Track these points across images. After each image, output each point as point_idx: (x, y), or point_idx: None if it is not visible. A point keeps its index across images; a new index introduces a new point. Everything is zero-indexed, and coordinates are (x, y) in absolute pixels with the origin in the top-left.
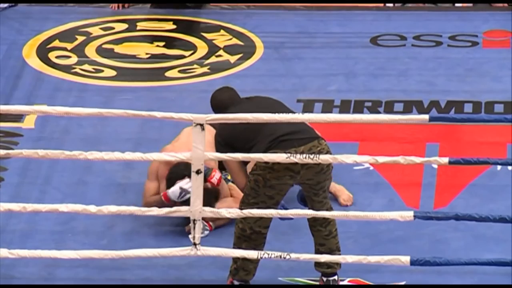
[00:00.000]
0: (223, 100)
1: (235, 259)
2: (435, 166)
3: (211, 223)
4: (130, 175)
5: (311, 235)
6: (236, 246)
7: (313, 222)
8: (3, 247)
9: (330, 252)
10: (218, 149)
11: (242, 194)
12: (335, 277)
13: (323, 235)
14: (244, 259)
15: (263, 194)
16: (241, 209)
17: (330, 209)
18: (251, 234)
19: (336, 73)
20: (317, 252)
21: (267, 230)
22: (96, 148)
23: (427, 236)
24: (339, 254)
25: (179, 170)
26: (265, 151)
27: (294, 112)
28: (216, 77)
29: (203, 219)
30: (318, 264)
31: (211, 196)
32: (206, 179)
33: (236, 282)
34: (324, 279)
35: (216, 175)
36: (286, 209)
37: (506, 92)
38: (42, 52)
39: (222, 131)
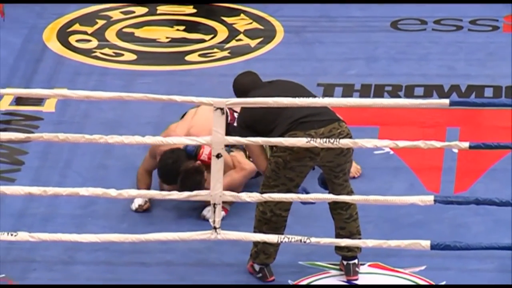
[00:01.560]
0: (245, 83)
1: (256, 243)
2: (456, 150)
3: (227, 207)
4: None
5: (332, 218)
6: (257, 229)
7: (334, 205)
8: (24, 231)
9: (351, 235)
10: (240, 132)
11: (248, 165)
12: (355, 261)
13: (344, 218)
14: (265, 243)
15: (283, 176)
16: (262, 192)
17: (351, 192)
18: (271, 216)
19: (357, 57)
20: (338, 235)
21: (288, 213)
22: (116, 132)
23: (447, 221)
24: (360, 238)
25: (166, 158)
26: (284, 132)
27: (315, 96)
28: (236, 61)
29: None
30: (338, 248)
31: (197, 175)
32: (197, 157)
33: (256, 266)
34: (345, 262)
35: (205, 151)
36: (308, 193)
37: None
38: (63, 36)
39: (244, 114)
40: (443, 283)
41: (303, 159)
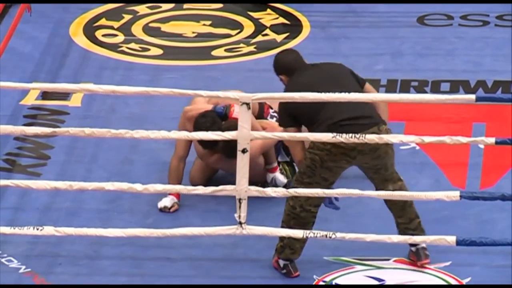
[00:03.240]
0: (287, 62)
1: (282, 237)
2: (482, 146)
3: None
4: None
5: (389, 210)
6: (285, 224)
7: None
8: (50, 225)
9: (410, 221)
10: (282, 118)
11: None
12: (424, 244)
13: (400, 206)
14: (291, 238)
15: (318, 175)
16: (295, 187)
17: (398, 180)
18: (300, 212)
19: (383, 53)
20: (398, 224)
21: (318, 209)
22: (142, 127)
23: (473, 216)
24: (419, 221)
25: (202, 123)
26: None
27: (360, 83)
28: (263, 56)
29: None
30: (403, 234)
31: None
32: (227, 117)
33: (281, 262)
34: (413, 248)
35: (236, 109)
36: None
37: None
38: (89, 31)
39: (287, 103)
40: (468, 279)
41: (339, 161)
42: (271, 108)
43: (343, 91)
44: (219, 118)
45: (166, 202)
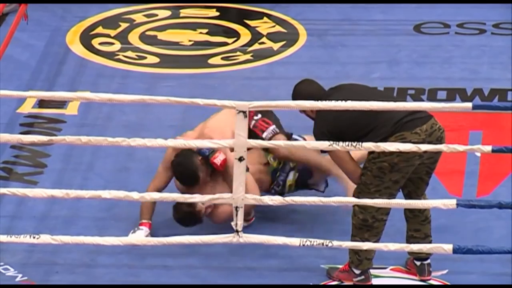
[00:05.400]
0: (312, 92)
1: (356, 251)
2: (478, 154)
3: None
4: None
5: (405, 220)
6: (358, 237)
7: (410, 208)
8: (46, 233)
9: (425, 237)
10: (322, 137)
11: (353, 183)
12: (429, 261)
13: (420, 221)
14: (368, 249)
15: (388, 180)
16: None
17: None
18: (373, 223)
19: (379, 61)
20: (410, 237)
21: (388, 217)
22: (139, 135)
23: (469, 225)
24: (431, 240)
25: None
26: (390, 135)
27: (387, 99)
28: (259, 64)
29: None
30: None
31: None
32: (208, 160)
33: (357, 270)
34: (418, 263)
35: (220, 156)
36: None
37: None
38: (86, 39)
39: (327, 122)
40: None
41: (412, 159)
42: (259, 116)
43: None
44: (203, 157)
45: (140, 235)
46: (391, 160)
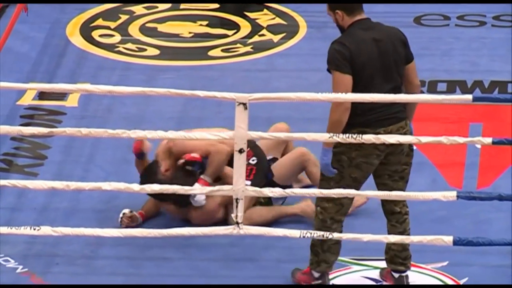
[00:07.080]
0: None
1: (316, 253)
2: (479, 146)
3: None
4: None
5: (386, 218)
6: (318, 240)
7: (387, 208)
8: (47, 225)
9: (403, 250)
10: (339, 64)
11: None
12: (407, 273)
13: (397, 232)
14: (327, 253)
15: (348, 176)
16: (320, 199)
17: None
18: (332, 224)
19: None
20: (389, 250)
21: (345, 218)
22: (139, 127)
23: (470, 216)
24: (410, 255)
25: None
26: (359, 125)
27: (409, 58)
28: (259, 56)
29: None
30: (391, 261)
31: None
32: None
33: (316, 273)
34: (396, 275)
35: (201, 181)
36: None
37: None
38: (86, 31)
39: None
40: (465, 279)
41: (370, 156)
42: None
43: (386, 77)
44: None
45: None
46: (349, 153)
